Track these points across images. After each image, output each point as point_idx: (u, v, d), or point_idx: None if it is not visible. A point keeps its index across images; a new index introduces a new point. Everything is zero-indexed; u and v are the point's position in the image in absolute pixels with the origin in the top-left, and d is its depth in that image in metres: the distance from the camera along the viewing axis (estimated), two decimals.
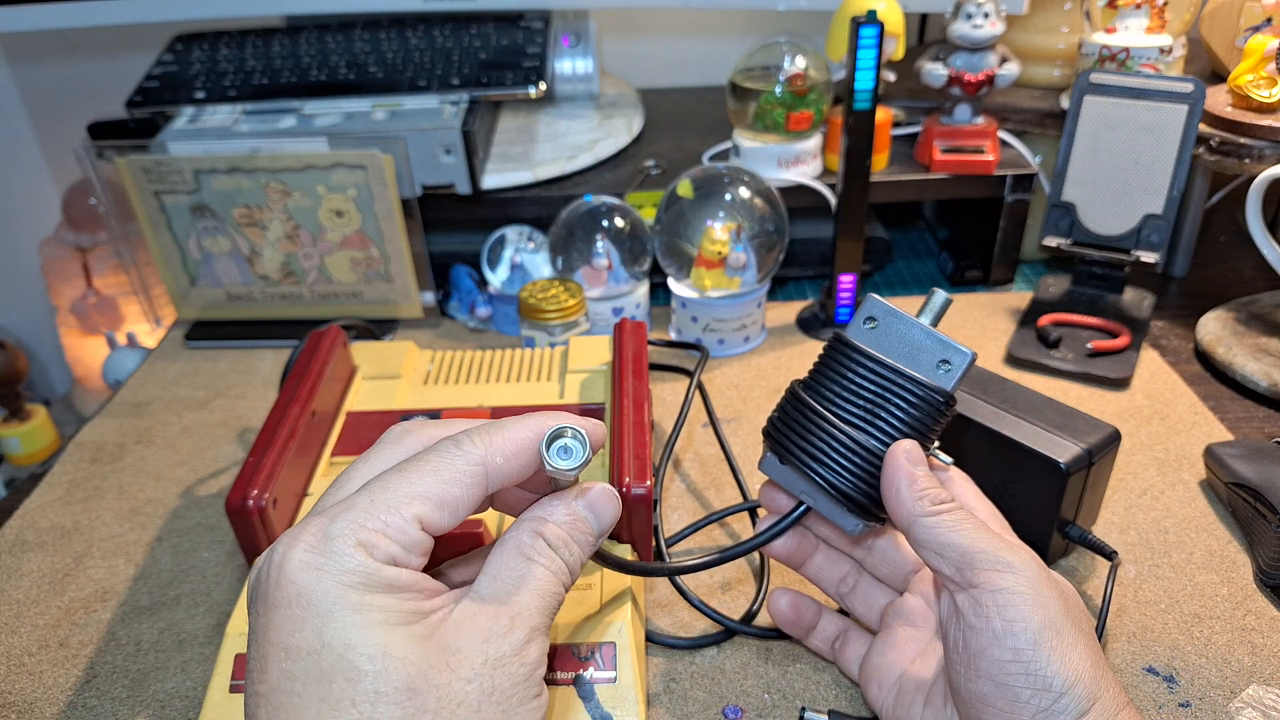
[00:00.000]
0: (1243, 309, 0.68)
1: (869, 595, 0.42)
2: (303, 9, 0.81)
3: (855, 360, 0.38)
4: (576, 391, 0.53)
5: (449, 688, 0.24)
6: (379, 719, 0.23)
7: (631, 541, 0.43)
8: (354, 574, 0.24)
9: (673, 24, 1.05)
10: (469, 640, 0.25)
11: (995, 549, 0.33)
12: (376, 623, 0.24)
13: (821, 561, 0.43)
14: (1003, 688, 0.31)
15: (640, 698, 0.38)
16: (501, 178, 0.74)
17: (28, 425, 1.03)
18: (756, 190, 0.67)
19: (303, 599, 0.24)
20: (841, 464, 0.36)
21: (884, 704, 0.39)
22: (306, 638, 0.23)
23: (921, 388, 0.36)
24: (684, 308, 0.68)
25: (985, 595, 0.32)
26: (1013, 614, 0.31)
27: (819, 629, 0.43)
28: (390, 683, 0.23)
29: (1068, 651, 0.31)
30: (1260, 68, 0.65)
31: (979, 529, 0.34)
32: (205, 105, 0.75)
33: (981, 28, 0.67)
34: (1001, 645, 0.31)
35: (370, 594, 0.24)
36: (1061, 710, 0.30)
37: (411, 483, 0.26)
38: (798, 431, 0.38)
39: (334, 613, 0.23)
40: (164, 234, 0.71)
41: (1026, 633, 0.31)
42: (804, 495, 0.39)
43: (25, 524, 0.56)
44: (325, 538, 0.24)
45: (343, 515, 0.25)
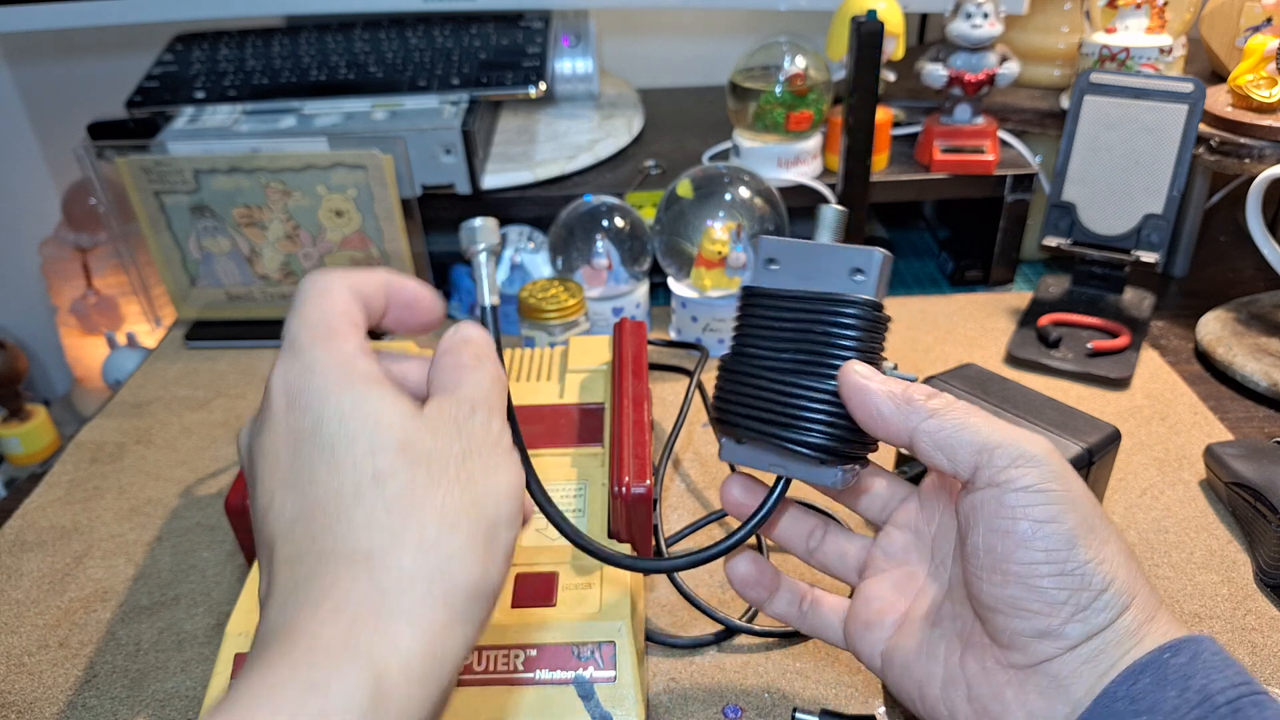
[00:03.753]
0: (1243, 309, 0.68)
1: (841, 544, 0.38)
2: (303, 9, 0.81)
3: (769, 305, 0.34)
4: (576, 391, 0.53)
5: (434, 450, 0.27)
6: (378, 469, 0.26)
7: (631, 541, 0.43)
8: (339, 365, 0.27)
9: (673, 24, 1.05)
10: (442, 418, 0.28)
11: (1013, 441, 0.30)
12: (364, 394, 0.27)
13: (787, 521, 0.39)
14: (1035, 590, 0.29)
15: (640, 697, 0.38)
16: (501, 178, 0.74)
17: (28, 425, 1.03)
18: (756, 190, 0.67)
19: (297, 394, 0.27)
20: (803, 416, 0.33)
21: (878, 652, 0.35)
22: (306, 419, 0.27)
23: (845, 304, 0.33)
24: (684, 307, 0.68)
25: (1009, 495, 0.29)
26: (1041, 513, 0.29)
27: (781, 593, 0.38)
28: (383, 440, 0.26)
29: (1102, 548, 0.29)
30: (1260, 68, 0.65)
31: (989, 421, 0.31)
32: (205, 105, 0.75)
33: (981, 27, 0.67)
34: (1031, 547, 0.29)
35: (357, 379, 0.27)
36: (1102, 607, 0.29)
37: (335, 279, 0.30)
38: (744, 403, 0.34)
39: (326, 395, 0.27)
40: (164, 234, 0.71)
41: (1059, 533, 0.29)
42: (775, 468, 0.35)
43: (25, 524, 0.56)
44: (294, 352, 0.28)
45: (305, 341, 0.28)
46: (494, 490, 0.28)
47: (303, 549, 0.26)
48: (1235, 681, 0.27)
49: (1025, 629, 0.29)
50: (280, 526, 0.27)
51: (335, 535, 0.26)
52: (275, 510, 0.27)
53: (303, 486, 0.26)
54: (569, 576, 0.41)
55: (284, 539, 0.26)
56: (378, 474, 0.26)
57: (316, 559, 0.26)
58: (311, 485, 0.26)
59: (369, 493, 0.26)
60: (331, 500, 0.26)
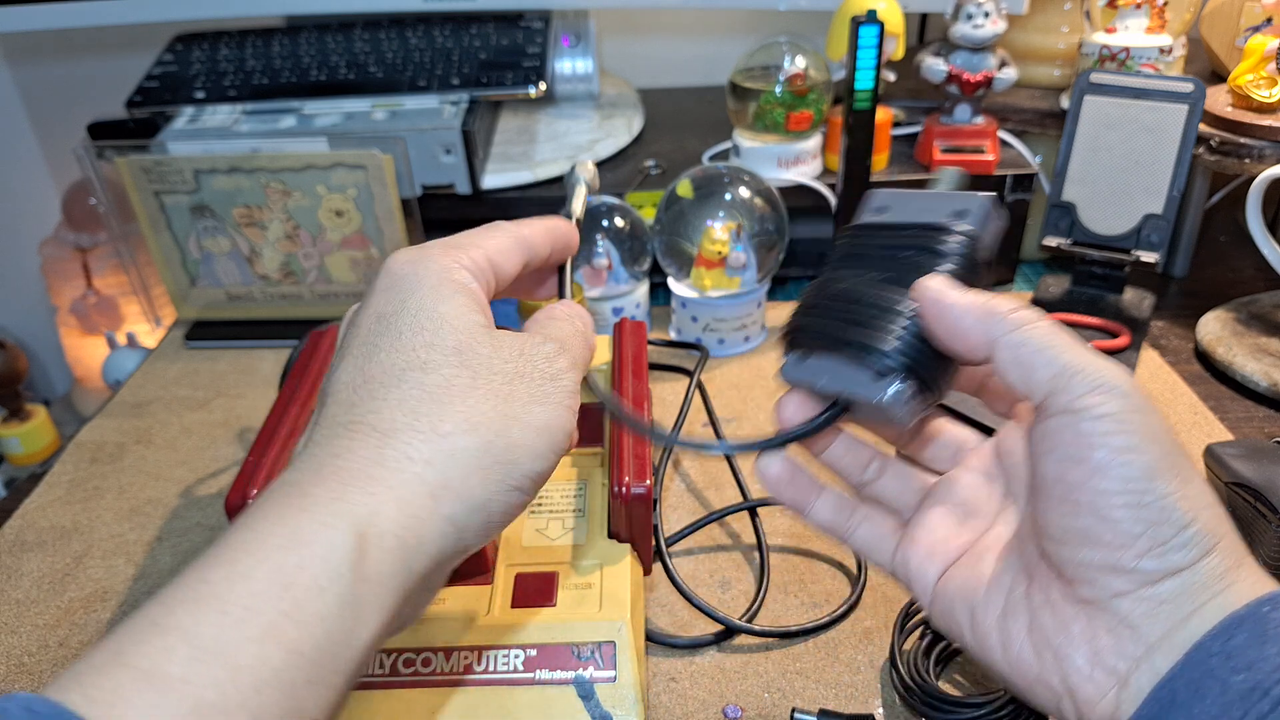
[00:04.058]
0: (1243, 309, 0.68)
1: (902, 479, 0.36)
2: (302, 9, 0.81)
3: (863, 235, 0.33)
4: None
5: (489, 359, 0.29)
6: (428, 359, 0.28)
7: (631, 540, 0.43)
8: (441, 269, 0.30)
9: (673, 24, 1.05)
10: (513, 339, 0.31)
11: (1095, 368, 0.27)
12: (447, 297, 0.30)
13: (842, 448, 0.36)
14: (1107, 522, 0.27)
15: (640, 697, 0.38)
16: (502, 178, 0.74)
17: (28, 425, 1.03)
18: (756, 190, 0.67)
19: (397, 280, 0.30)
20: (879, 323, 0.30)
21: (932, 580, 0.33)
22: (393, 303, 0.30)
23: (940, 230, 0.31)
24: (684, 307, 0.68)
25: (1085, 422, 0.27)
26: (1120, 442, 0.27)
27: (826, 499, 0.36)
28: (444, 339, 0.29)
29: (1185, 486, 0.27)
30: (1260, 68, 0.65)
31: (1075, 345, 0.28)
32: (205, 105, 0.75)
33: (982, 27, 0.67)
34: (1107, 476, 0.27)
35: (449, 284, 0.30)
36: (1182, 545, 0.26)
37: (475, 237, 0.33)
38: (819, 314, 0.32)
39: (417, 288, 0.30)
40: (164, 234, 0.71)
41: (1138, 463, 0.27)
42: (835, 385, 0.32)
43: (25, 524, 0.56)
44: (422, 249, 0.31)
45: (432, 246, 0.32)
46: (529, 417, 0.29)
47: (342, 414, 0.28)
48: None
49: (1095, 561, 0.27)
50: (336, 389, 0.29)
51: (369, 407, 0.28)
52: (338, 375, 0.29)
53: (366, 359, 0.29)
54: (569, 576, 0.41)
55: (334, 401, 0.29)
56: (426, 363, 0.28)
57: (347, 425, 0.28)
58: (372, 361, 0.29)
59: (412, 377, 0.28)
60: (381, 377, 0.28)
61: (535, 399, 0.29)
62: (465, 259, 0.31)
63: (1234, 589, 0.27)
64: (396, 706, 0.37)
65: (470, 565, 0.41)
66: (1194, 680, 0.25)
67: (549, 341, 0.31)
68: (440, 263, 0.31)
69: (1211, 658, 0.25)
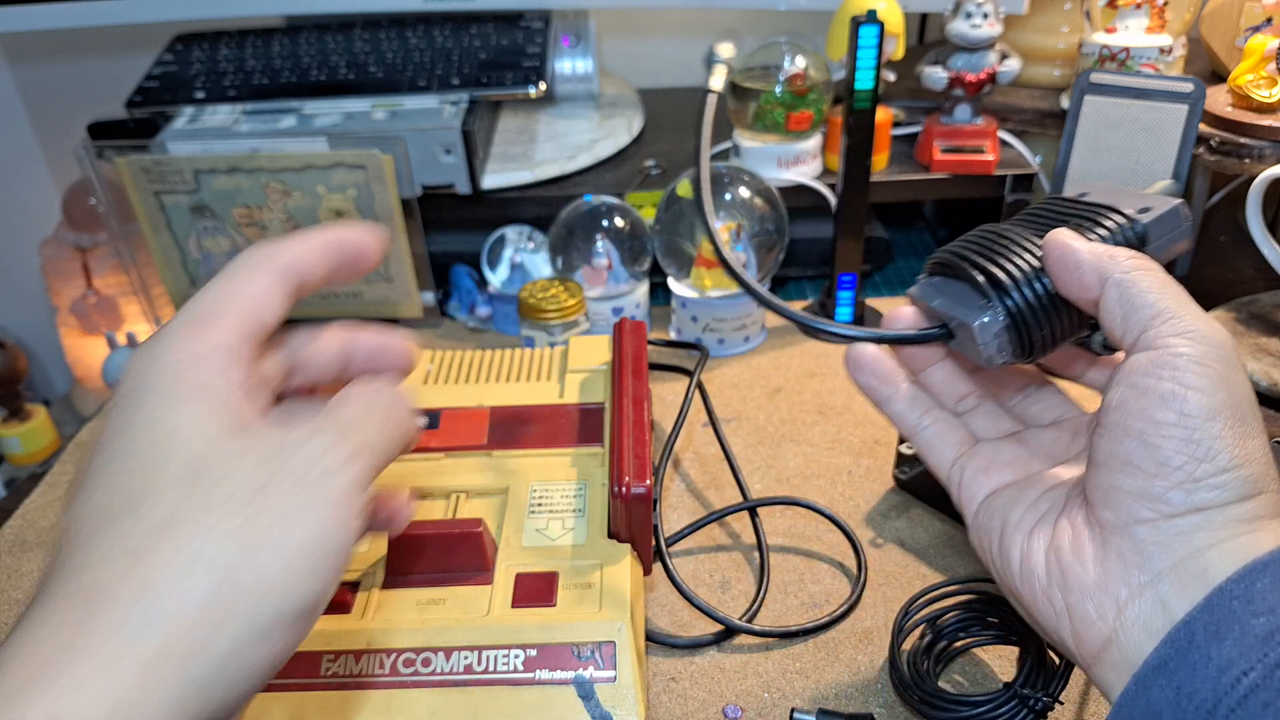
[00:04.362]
0: (1243, 309, 0.68)
1: (995, 419, 0.37)
2: (302, 9, 0.81)
3: (1053, 204, 0.34)
4: (576, 391, 0.53)
5: (230, 473, 0.23)
6: (151, 486, 0.23)
7: (631, 540, 0.43)
8: (175, 369, 0.25)
9: (673, 24, 1.05)
10: (269, 439, 0.24)
11: (1191, 315, 0.29)
12: (179, 404, 0.24)
13: (943, 375, 0.38)
14: (1150, 448, 0.28)
15: (640, 697, 0.38)
16: (501, 177, 0.74)
17: (28, 425, 1.03)
18: (756, 190, 0.67)
19: (128, 392, 0.25)
20: (1000, 252, 0.32)
21: (980, 494, 0.35)
22: (117, 422, 0.24)
23: (1115, 213, 0.32)
24: (684, 307, 0.68)
25: (1164, 357, 0.28)
26: (1191, 380, 0.27)
27: (904, 396, 0.37)
28: (172, 461, 0.23)
29: (1244, 439, 0.27)
30: (1260, 68, 0.65)
31: (1178, 295, 0.29)
32: (205, 105, 0.75)
33: (980, 27, 0.67)
34: (1167, 407, 0.27)
35: (182, 388, 0.25)
36: (1218, 485, 0.27)
37: (230, 293, 0.27)
38: (963, 247, 0.34)
39: (146, 400, 0.24)
40: (164, 234, 0.71)
41: (1202, 403, 0.27)
42: (944, 311, 0.34)
43: (25, 524, 0.56)
44: (160, 339, 0.26)
45: (175, 330, 0.26)
46: (281, 537, 0.23)
47: (52, 575, 0.23)
48: None
49: (1128, 486, 0.28)
50: (62, 529, 0.24)
51: (78, 563, 0.22)
52: (70, 509, 0.24)
53: (85, 500, 0.23)
54: (569, 576, 0.41)
55: (58, 546, 0.23)
56: (147, 495, 0.23)
57: (51, 590, 0.22)
58: (90, 501, 0.23)
59: (126, 519, 0.23)
60: (95, 522, 0.23)
61: (292, 513, 0.23)
62: (214, 338, 0.25)
63: (1256, 535, 0.27)
64: (396, 706, 0.37)
65: (471, 565, 0.41)
66: (1214, 623, 0.26)
67: (322, 432, 0.25)
68: (175, 359, 0.25)
69: (1233, 601, 0.26)
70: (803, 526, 0.53)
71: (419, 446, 0.49)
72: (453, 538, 0.41)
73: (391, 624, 0.39)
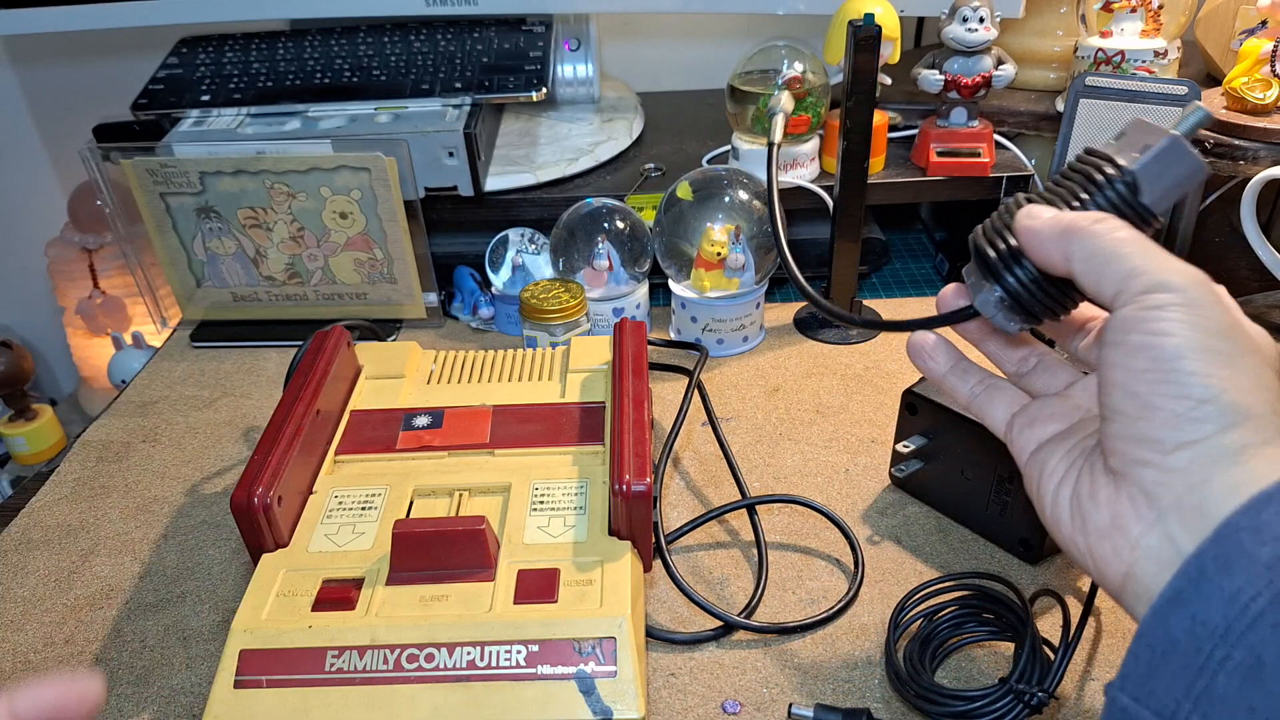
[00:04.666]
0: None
1: (1054, 373, 0.39)
2: (306, 13, 0.82)
3: (1081, 159, 0.35)
4: (577, 391, 0.54)
5: None
6: None
7: (632, 537, 0.44)
8: None
9: (672, 28, 1.06)
10: None
11: (1157, 269, 0.30)
12: None
13: (997, 346, 0.40)
14: (1134, 397, 0.30)
15: (640, 692, 0.38)
16: (504, 180, 0.75)
17: (34, 425, 1.04)
18: (755, 192, 0.68)
19: None
20: (996, 244, 0.34)
21: (1029, 446, 0.37)
22: None
23: (1108, 166, 0.33)
24: (683, 308, 0.69)
25: (1136, 313, 0.30)
26: (1158, 327, 0.29)
27: (958, 369, 0.40)
28: None
29: (1219, 369, 0.29)
30: (1255, 70, 0.65)
31: (1143, 249, 0.31)
32: (210, 108, 0.76)
33: (976, 31, 0.68)
34: (1140, 355, 0.29)
35: None
36: (1200, 418, 0.28)
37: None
38: (986, 225, 0.36)
39: None
40: (169, 235, 0.72)
41: (1169, 345, 0.29)
42: (973, 288, 0.36)
43: (32, 522, 0.57)
44: None
45: None
46: None
47: None
48: None
49: (1123, 433, 0.30)
50: None
51: None
52: None
53: None
54: (570, 573, 0.42)
55: None
56: None
57: None
58: None
59: None
60: None
61: None
62: None
63: (1249, 465, 0.28)
64: (400, 702, 0.38)
65: (473, 562, 0.42)
66: (1223, 555, 0.27)
67: None
68: None
69: (1240, 532, 0.27)
70: (801, 524, 0.53)
71: (424, 445, 0.50)
72: (456, 535, 0.41)
73: (395, 620, 0.40)
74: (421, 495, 0.47)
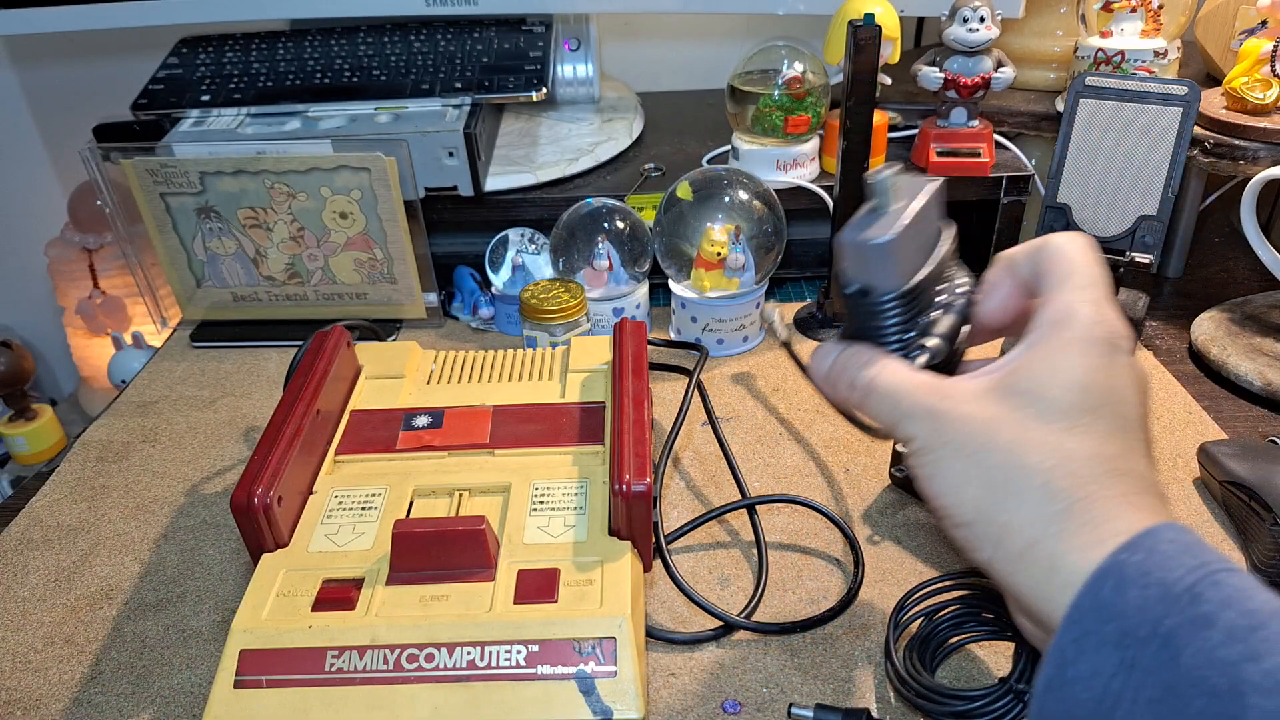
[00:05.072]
0: (1237, 309, 0.69)
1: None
2: (306, 13, 0.82)
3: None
4: (577, 391, 0.54)
5: None
6: None
7: (632, 537, 0.44)
8: None
9: (672, 28, 1.06)
10: None
11: (904, 422, 0.33)
12: None
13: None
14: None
15: (640, 692, 0.38)
16: (504, 180, 0.75)
17: (34, 425, 1.04)
18: (755, 192, 0.68)
19: None
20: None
21: None
22: None
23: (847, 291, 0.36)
24: (683, 308, 0.69)
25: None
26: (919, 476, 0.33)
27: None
28: None
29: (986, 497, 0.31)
30: (1255, 70, 0.65)
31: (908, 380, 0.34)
32: (210, 108, 0.76)
33: (977, 31, 0.68)
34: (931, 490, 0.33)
35: None
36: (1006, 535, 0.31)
37: None
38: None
39: None
40: (169, 235, 0.72)
41: (938, 490, 0.32)
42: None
43: (31, 522, 0.57)
44: None
45: None
46: None
47: None
48: (1191, 566, 0.27)
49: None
50: None
51: None
52: None
53: None
54: (570, 573, 0.42)
55: None
56: None
57: None
58: None
59: None
60: None
61: None
62: None
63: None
64: (400, 702, 0.38)
65: (473, 562, 0.42)
66: (1077, 640, 0.28)
67: None
68: None
69: (1086, 615, 0.28)
70: (801, 524, 0.53)
71: (424, 445, 0.50)
72: (456, 535, 0.41)
73: (395, 620, 0.40)
74: (421, 495, 0.47)
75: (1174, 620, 0.26)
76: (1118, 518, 0.29)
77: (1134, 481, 0.30)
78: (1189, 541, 0.28)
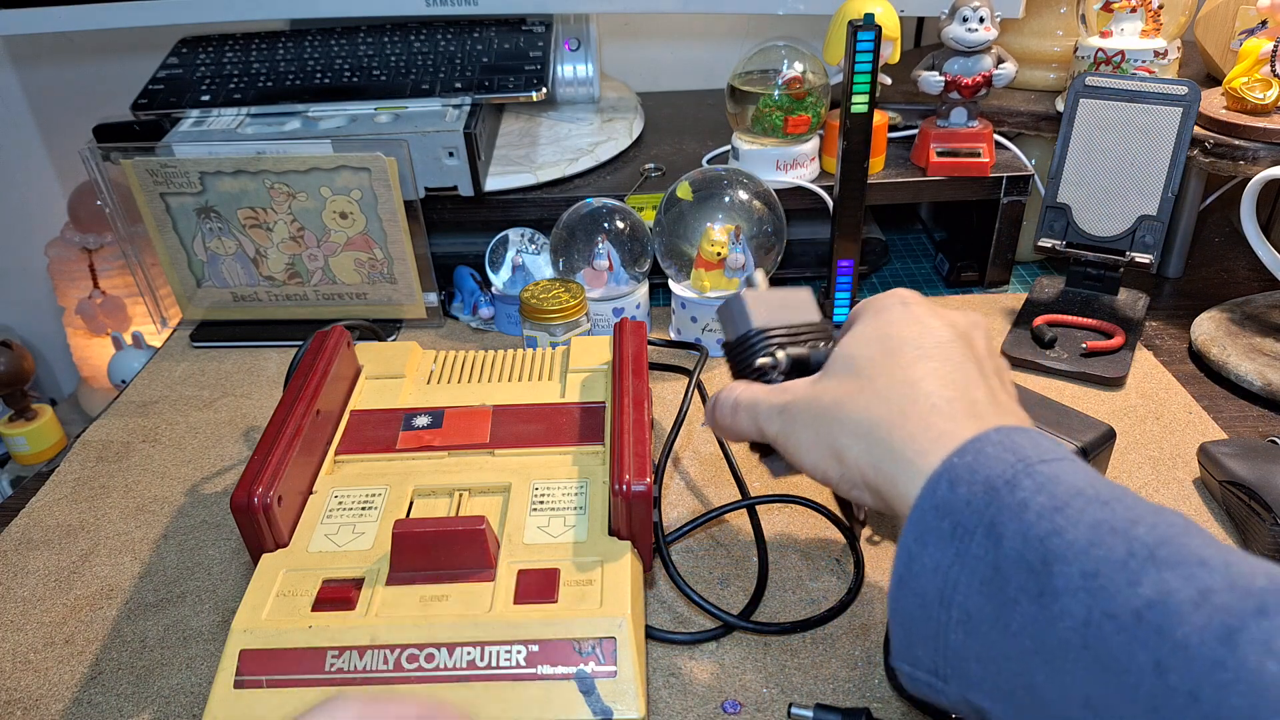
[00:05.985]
0: (1237, 309, 0.69)
1: None
2: (306, 13, 0.82)
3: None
4: (577, 391, 0.54)
5: None
6: None
7: (632, 537, 0.44)
8: None
9: (672, 28, 1.06)
10: None
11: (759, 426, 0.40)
12: None
13: None
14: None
15: (640, 692, 0.38)
16: (504, 180, 0.75)
17: (34, 424, 1.04)
18: (755, 192, 0.68)
19: None
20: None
21: None
22: None
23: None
24: (683, 308, 0.69)
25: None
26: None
27: None
28: None
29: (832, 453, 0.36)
30: (1255, 70, 0.65)
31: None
32: (210, 108, 0.76)
33: (977, 31, 0.68)
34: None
35: None
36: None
37: None
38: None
39: None
40: (170, 235, 0.72)
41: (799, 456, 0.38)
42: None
43: (32, 522, 0.57)
44: None
45: None
46: None
47: None
48: (1010, 462, 0.30)
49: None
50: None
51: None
52: None
53: None
54: (570, 573, 0.42)
55: None
56: None
57: None
58: None
59: None
60: None
61: None
62: None
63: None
64: None
65: (473, 562, 0.42)
66: (920, 535, 0.31)
67: None
68: None
69: (925, 515, 0.31)
70: (801, 524, 0.53)
71: (424, 445, 0.50)
72: (456, 535, 0.41)
73: (395, 620, 0.40)
74: (421, 495, 0.47)
75: (995, 509, 0.29)
76: (944, 434, 0.33)
77: (957, 403, 0.34)
78: (1012, 443, 0.31)
